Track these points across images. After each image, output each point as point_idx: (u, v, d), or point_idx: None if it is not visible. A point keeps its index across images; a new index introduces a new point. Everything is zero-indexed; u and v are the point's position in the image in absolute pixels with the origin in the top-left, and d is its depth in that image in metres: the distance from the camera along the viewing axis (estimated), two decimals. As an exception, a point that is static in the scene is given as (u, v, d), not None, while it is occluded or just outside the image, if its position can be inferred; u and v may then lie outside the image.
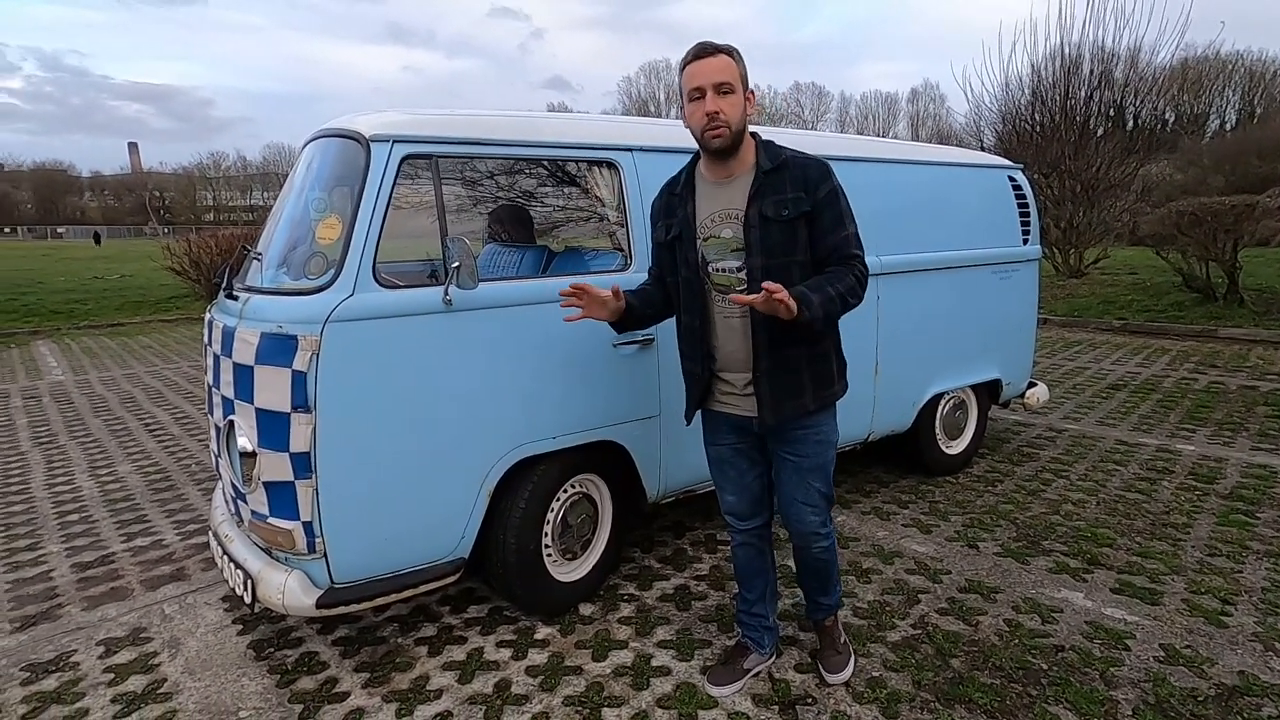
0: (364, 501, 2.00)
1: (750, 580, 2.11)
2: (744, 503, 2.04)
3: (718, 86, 1.72)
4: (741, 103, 1.75)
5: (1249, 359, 6.43)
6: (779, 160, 1.80)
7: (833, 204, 1.78)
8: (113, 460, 4.29)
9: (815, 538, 1.99)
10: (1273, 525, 3.03)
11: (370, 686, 2.11)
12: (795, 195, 1.76)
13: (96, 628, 2.47)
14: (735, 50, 1.77)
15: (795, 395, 1.85)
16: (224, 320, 2.15)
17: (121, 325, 10.57)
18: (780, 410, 1.85)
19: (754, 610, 2.12)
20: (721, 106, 1.72)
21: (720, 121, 1.73)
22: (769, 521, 2.10)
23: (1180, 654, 2.17)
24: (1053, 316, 8.84)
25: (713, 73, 1.72)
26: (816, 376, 1.87)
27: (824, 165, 1.81)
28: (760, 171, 1.79)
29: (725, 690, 2.04)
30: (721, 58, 1.73)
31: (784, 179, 1.78)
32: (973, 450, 3.83)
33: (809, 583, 2.12)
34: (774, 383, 1.83)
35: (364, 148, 2.05)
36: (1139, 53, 11.58)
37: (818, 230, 1.78)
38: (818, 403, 1.87)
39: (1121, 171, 11.60)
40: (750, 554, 2.09)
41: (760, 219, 1.77)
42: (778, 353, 1.82)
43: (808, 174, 1.78)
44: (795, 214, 1.76)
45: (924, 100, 56.10)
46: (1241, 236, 8.06)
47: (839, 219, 1.78)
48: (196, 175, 73.28)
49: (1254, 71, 35.34)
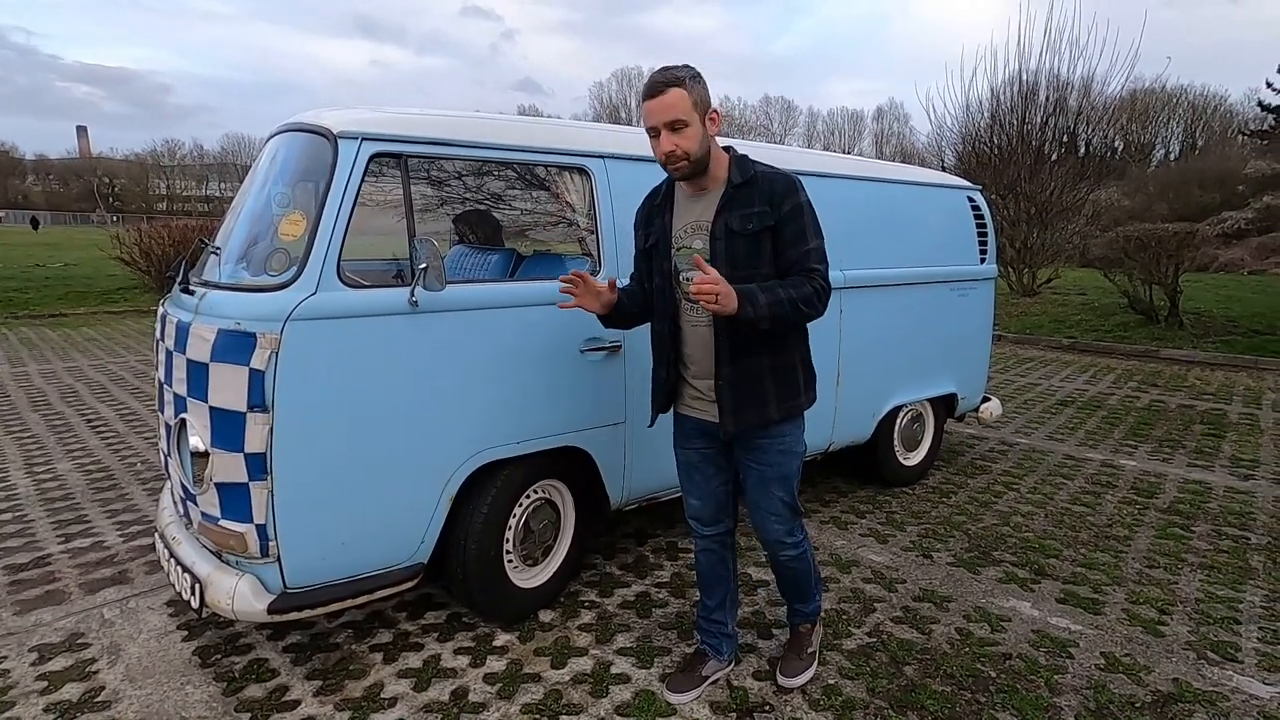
0: (321, 504, 1.95)
1: (711, 586, 2.13)
2: (708, 508, 2.06)
3: (670, 125, 1.75)
4: (698, 133, 1.78)
5: (1187, 379, 6.73)
6: (748, 175, 1.84)
7: (796, 219, 1.81)
8: (51, 457, 4.10)
9: (781, 546, 2.02)
10: (1206, 539, 3.17)
11: (322, 695, 2.06)
12: (761, 209, 1.80)
13: (30, 633, 2.35)
14: (686, 78, 1.76)
15: (758, 404, 1.87)
16: (178, 315, 2.08)
17: (64, 316, 10.14)
18: (741, 418, 1.87)
19: (713, 617, 2.14)
20: (676, 143, 1.76)
21: (677, 157, 1.78)
22: (732, 529, 2.12)
23: (1120, 662, 2.25)
24: (1006, 333, 9.13)
25: (663, 111, 1.75)
26: (781, 387, 1.89)
27: (791, 180, 1.84)
28: (730, 186, 1.83)
29: (684, 697, 2.05)
30: (672, 93, 1.74)
31: (752, 193, 1.82)
32: (929, 462, 3.93)
33: (786, 589, 2.17)
34: (735, 390, 1.86)
35: (331, 144, 2.02)
36: (1092, 82, 12.10)
37: (780, 243, 1.82)
38: (782, 413, 1.90)
39: (1073, 196, 12.08)
40: (712, 560, 2.11)
41: (726, 231, 1.82)
42: (740, 361, 1.85)
43: (774, 188, 1.81)
44: (759, 227, 1.80)
45: (889, 119, 57.53)
46: (1183, 262, 8.47)
47: (801, 233, 1.82)
48: (150, 163, 70.75)
49: (1196, 105, 37.21)
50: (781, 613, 2.53)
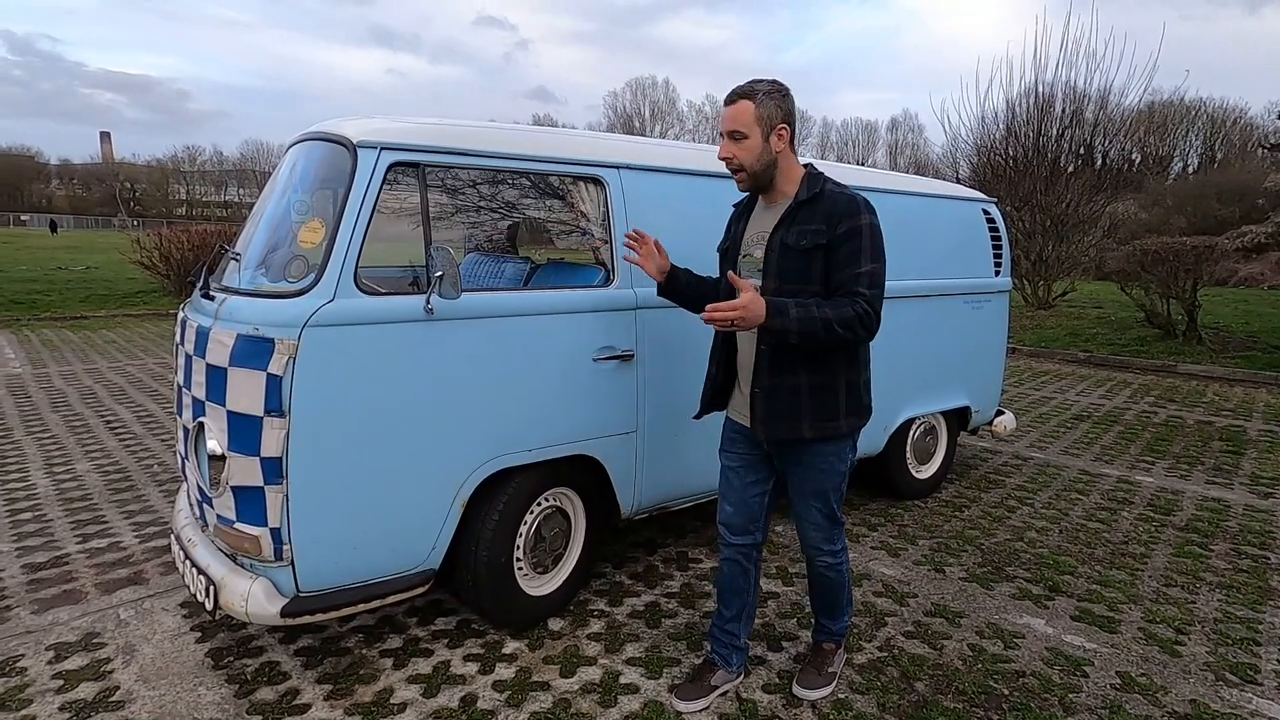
0: (335, 509, 1.97)
1: (730, 597, 2.12)
2: (740, 517, 2.07)
3: (730, 134, 1.87)
4: (756, 146, 1.86)
5: (1206, 394, 6.65)
6: (814, 193, 1.87)
7: (851, 240, 1.81)
8: (70, 457, 4.16)
9: (818, 552, 2.06)
10: (1225, 558, 3.13)
11: (332, 699, 2.07)
12: (816, 227, 1.83)
13: (47, 631, 2.39)
14: (760, 93, 1.84)
15: (790, 419, 1.88)
16: (198, 320, 2.11)
17: (85, 318, 10.29)
18: (772, 429, 1.90)
19: (728, 627, 2.13)
20: (733, 152, 1.88)
21: (734, 165, 1.90)
22: (760, 543, 2.11)
23: (1136, 682, 2.22)
24: (1021, 346, 9.06)
25: (728, 121, 1.87)
26: (817, 406, 1.89)
27: (854, 202, 1.84)
28: (795, 201, 1.88)
29: (692, 706, 2.04)
30: (739, 104, 1.86)
31: (814, 211, 1.85)
32: (941, 476, 3.90)
33: (816, 601, 2.18)
34: (768, 402, 1.89)
35: (351, 153, 2.05)
36: (1109, 94, 12.03)
37: (832, 263, 1.83)
38: (816, 433, 1.89)
39: (1090, 208, 12.00)
40: (735, 570, 2.10)
41: (780, 245, 1.87)
42: (777, 374, 1.88)
43: (834, 208, 1.83)
44: (812, 245, 1.82)
45: (903, 130, 57.43)
46: (1201, 276, 8.37)
47: (854, 256, 1.81)
48: (170, 168, 71.84)
49: (1215, 118, 36.85)
50: (792, 625, 2.52)
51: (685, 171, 2.69)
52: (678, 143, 3.10)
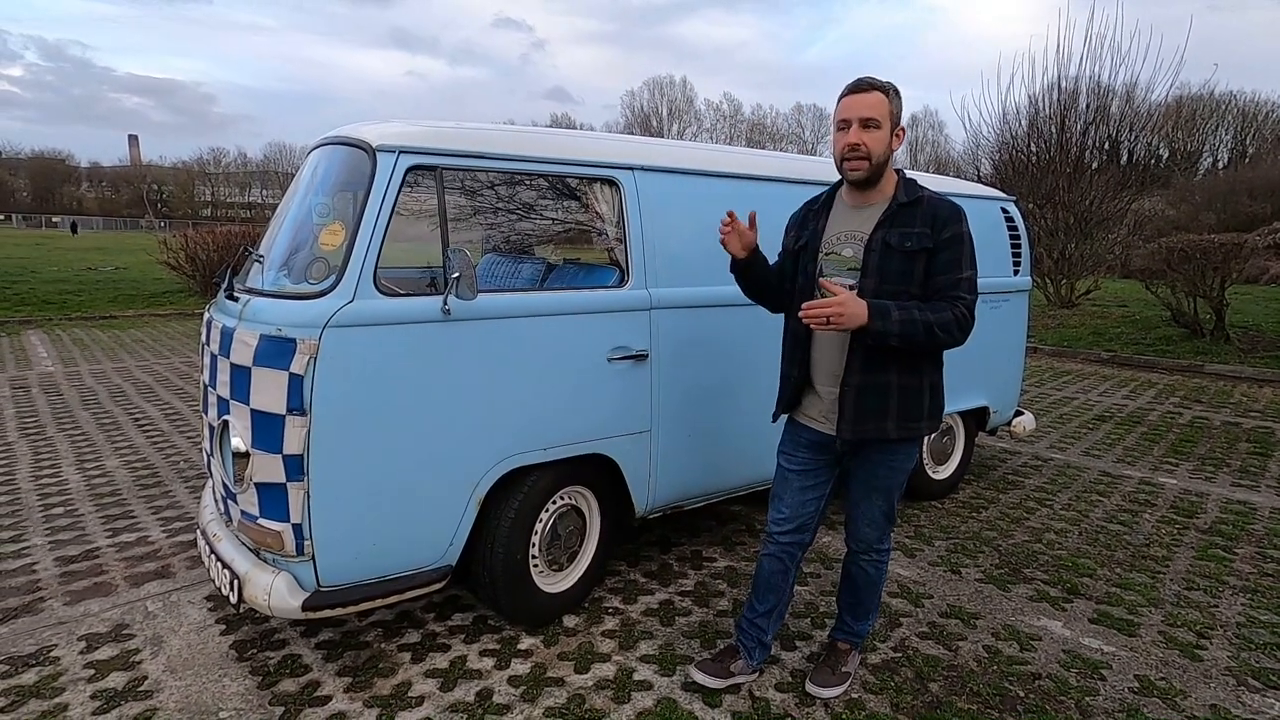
0: (354, 506, 2.01)
1: (765, 593, 2.13)
2: (795, 517, 2.07)
3: (864, 121, 1.83)
4: (887, 139, 1.85)
5: (1233, 395, 6.51)
6: (915, 196, 1.88)
7: (954, 246, 1.83)
8: (100, 454, 4.27)
9: (867, 549, 2.08)
10: (1250, 561, 3.07)
11: (352, 691, 2.12)
12: (921, 230, 1.84)
13: (78, 623, 2.46)
14: (892, 89, 1.86)
15: (878, 418, 1.89)
16: (223, 320, 2.17)
17: (114, 318, 10.53)
18: (859, 428, 1.89)
19: (757, 621, 2.14)
20: (864, 139, 1.83)
21: (860, 154, 1.84)
22: (807, 544, 2.11)
23: (1155, 685, 2.20)
24: (1042, 346, 8.94)
25: (862, 107, 1.83)
26: (904, 406, 1.90)
27: (957, 209, 1.87)
28: (896, 203, 1.88)
29: (708, 681, 2.09)
30: (875, 94, 1.84)
31: (915, 214, 1.86)
32: (959, 476, 3.87)
33: (846, 597, 2.18)
34: (859, 400, 1.88)
35: (370, 157, 2.09)
36: (1134, 89, 11.80)
37: (933, 268, 1.84)
38: (900, 432, 1.91)
39: (1114, 205, 11.78)
40: (777, 568, 2.10)
41: (883, 245, 1.85)
42: (869, 372, 1.87)
43: (938, 213, 1.85)
44: (917, 247, 1.83)
45: (923, 127, 56.77)
46: (1230, 274, 8.19)
47: (956, 261, 1.83)
48: (196, 170, 73.15)
49: (1246, 112, 36.03)
50: (805, 624, 2.52)
51: (700, 172, 2.70)
52: (692, 143, 3.11)
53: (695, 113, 59.89)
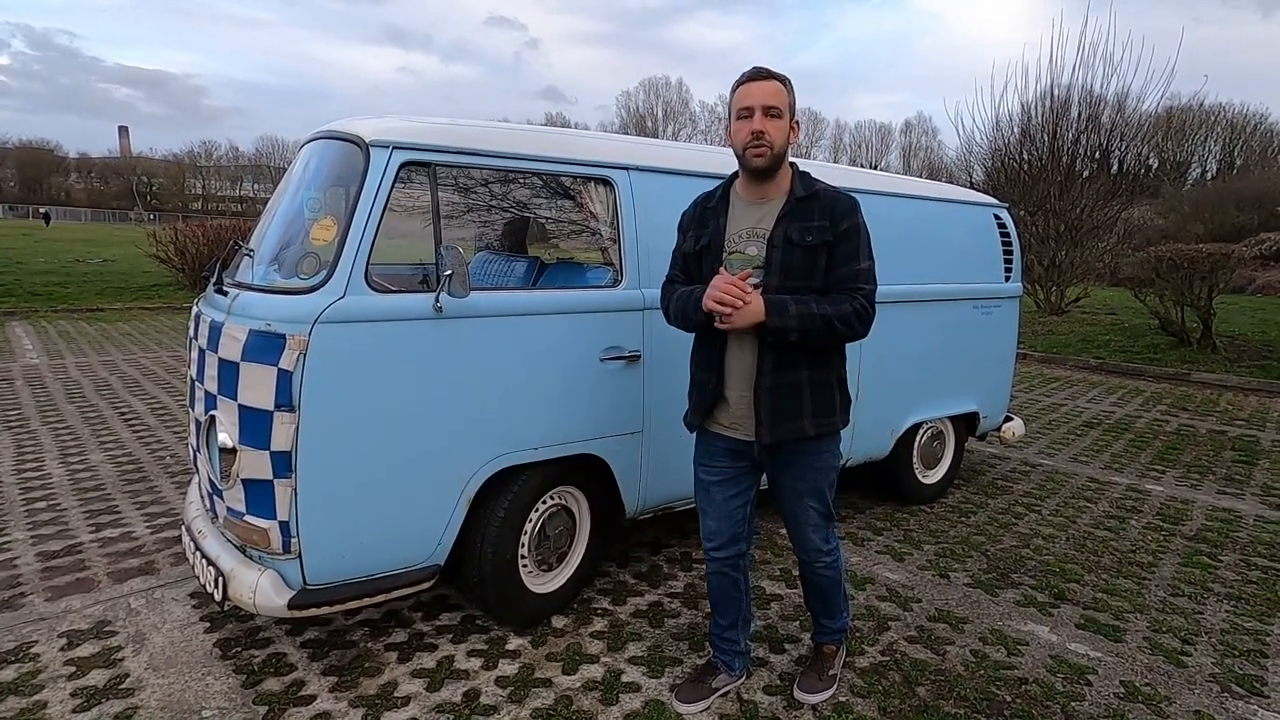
0: (342, 504, 1.99)
1: (723, 607, 2.13)
2: (724, 530, 2.04)
3: (766, 109, 1.81)
4: (787, 128, 1.84)
5: (1219, 404, 6.58)
6: (812, 190, 1.87)
7: (851, 238, 1.83)
8: (85, 448, 4.22)
9: (817, 554, 2.05)
10: (1234, 569, 3.10)
11: (337, 691, 2.09)
12: (820, 224, 1.83)
13: (59, 619, 2.43)
14: (788, 80, 1.85)
15: (793, 418, 1.88)
16: (212, 315, 2.14)
17: (101, 310, 10.42)
18: (777, 430, 1.88)
19: (726, 635, 2.14)
20: (767, 128, 1.81)
21: (764, 142, 1.81)
22: (745, 552, 2.11)
23: (1140, 691, 2.21)
24: (1032, 352, 9.00)
25: (764, 95, 1.82)
26: (817, 403, 1.90)
27: (852, 201, 1.87)
28: (794, 198, 1.87)
29: (692, 708, 2.05)
30: (774, 83, 1.83)
31: (813, 208, 1.85)
32: (948, 481, 3.88)
33: (814, 603, 2.18)
34: (773, 401, 1.87)
35: (363, 152, 2.07)
36: (1126, 99, 11.91)
37: (832, 260, 1.84)
38: (817, 429, 1.90)
39: (1105, 213, 11.88)
40: (724, 583, 2.10)
41: (784, 241, 1.84)
42: (780, 371, 1.86)
43: (835, 206, 1.85)
44: (817, 241, 1.82)
45: (917, 133, 57.15)
46: (1217, 283, 8.27)
47: (854, 253, 1.84)
48: (187, 163, 72.53)
49: (1235, 124, 36.44)
50: (794, 627, 2.52)
51: (695, 173, 2.69)
52: (686, 144, 3.11)
53: (690, 114, 59.98)
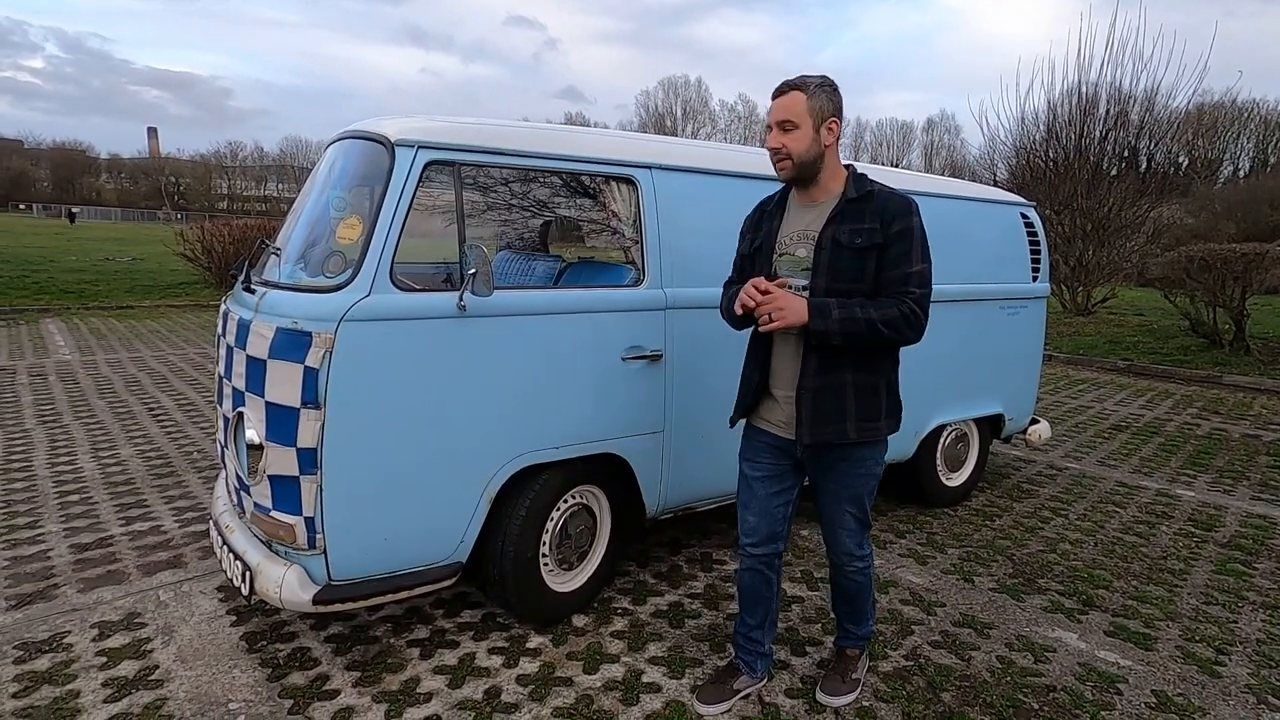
0: (367, 501, 2.01)
1: (753, 606, 2.11)
2: (763, 527, 2.03)
3: (780, 124, 1.84)
4: (807, 137, 1.83)
5: (1253, 407, 6.42)
6: (864, 191, 1.86)
7: (903, 240, 1.81)
8: (115, 442, 4.31)
9: (850, 558, 2.04)
10: (1270, 576, 3.02)
11: (361, 686, 2.11)
12: (871, 226, 1.81)
13: (91, 610, 2.48)
14: (811, 85, 1.83)
15: (836, 420, 1.86)
16: (240, 313, 2.17)
17: (130, 308, 10.63)
18: (817, 431, 1.86)
19: (751, 635, 2.12)
20: (783, 142, 1.84)
21: (781, 154, 1.85)
22: (781, 551, 2.09)
23: (1172, 701, 2.16)
24: (1058, 354, 8.84)
25: (779, 111, 1.85)
26: (862, 407, 1.87)
27: (907, 202, 1.84)
28: (845, 199, 1.86)
29: (713, 709, 2.04)
30: (790, 95, 1.84)
31: (865, 209, 1.83)
32: (972, 483, 3.83)
33: (841, 608, 2.16)
34: (815, 402, 1.86)
35: (389, 151, 2.08)
36: (1155, 96, 11.66)
37: (882, 262, 1.81)
38: (860, 434, 1.88)
39: (1133, 213, 11.64)
40: (757, 581, 2.08)
41: (832, 243, 1.83)
42: (824, 374, 1.85)
43: (888, 207, 1.83)
44: (867, 244, 1.80)
45: (939, 130, 56.44)
46: (1250, 284, 8.07)
47: (905, 255, 1.81)
48: (213, 164, 73.79)
49: (1269, 120, 35.51)
50: (815, 630, 2.50)
51: (718, 172, 2.68)
52: (710, 143, 3.09)
53: (710, 113, 59.85)
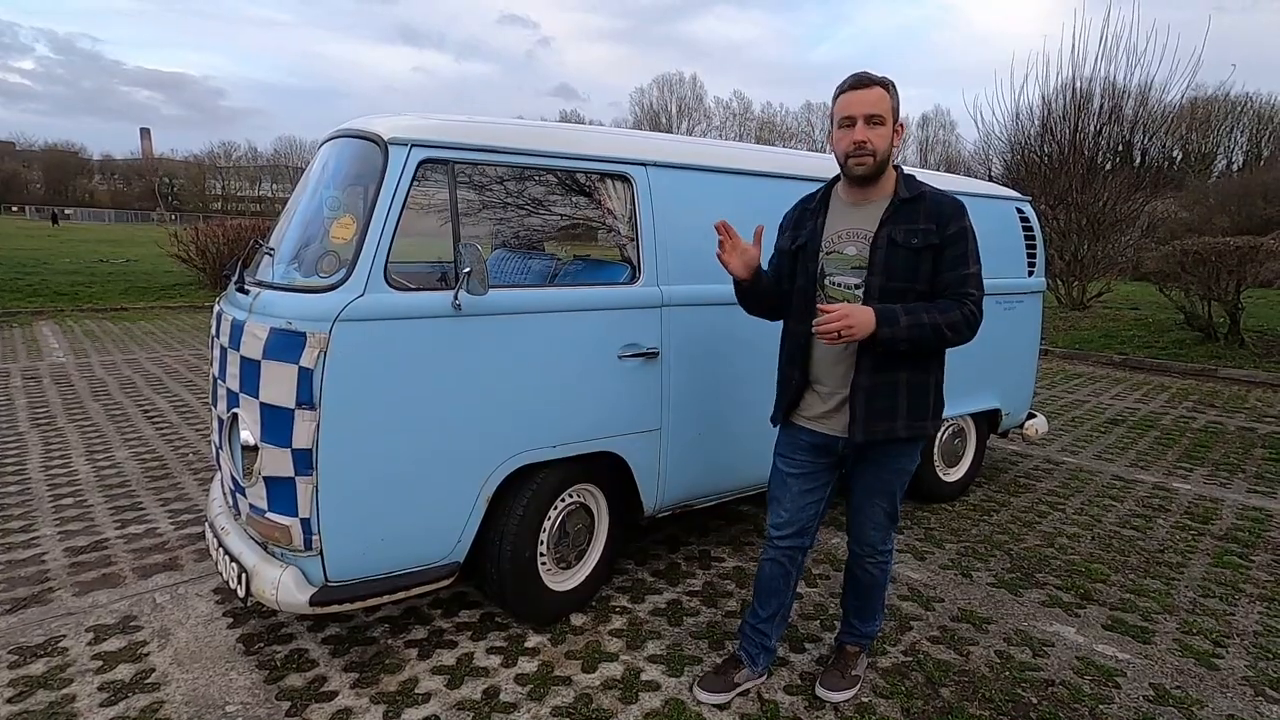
0: (363, 501, 2.00)
1: (768, 597, 2.10)
2: (794, 523, 2.03)
3: (869, 118, 1.80)
4: (890, 134, 1.82)
5: (1248, 400, 6.44)
6: (917, 192, 1.85)
7: (960, 241, 1.81)
8: (110, 445, 4.28)
9: (873, 552, 2.05)
10: (1266, 569, 3.03)
11: (358, 687, 2.11)
12: (926, 227, 1.81)
13: (87, 614, 2.46)
14: (891, 84, 1.83)
15: (888, 418, 1.87)
16: (233, 313, 2.16)
17: (125, 310, 10.58)
18: (871, 429, 1.86)
19: (760, 626, 2.12)
20: (869, 136, 1.80)
21: (866, 150, 1.81)
22: (807, 547, 2.08)
23: (1170, 694, 2.16)
24: (1054, 348, 8.86)
25: (866, 104, 1.80)
26: (913, 405, 1.88)
27: (959, 204, 1.85)
28: (898, 199, 1.85)
29: (713, 699, 2.05)
30: (876, 90, 1.81)
31: (919, 210, 1.83)
32: (970, 479, 3.83)
33: (852, 601, 2.16)
34: (869, 401, 1.86)
35: (382, 150, 2.07)
36: (1149, 90, 11.68)
37: (940, 264, 1.82)
38: (909, 431, 1.88)
39: (1128, 207, 11.66)
40: (777, 571, 2.08)
41: (888, 242, 1.82)
42: (879, 372, 1.85)
43: (942, 209, 1.83)
44: (923, 244, 1.80)
45: (934, 126, 56.40)
46: (1244, 277, 8.10)
47: (963, 257, 1.82)
48: (207, 164, 73.51)
49: (1262, 114, 35.56)
50: (815, 626, 2.50)
51: (713, 169, 2.68)
52: (705, 140, 3.08)
53: (705, 110, 59.76)
